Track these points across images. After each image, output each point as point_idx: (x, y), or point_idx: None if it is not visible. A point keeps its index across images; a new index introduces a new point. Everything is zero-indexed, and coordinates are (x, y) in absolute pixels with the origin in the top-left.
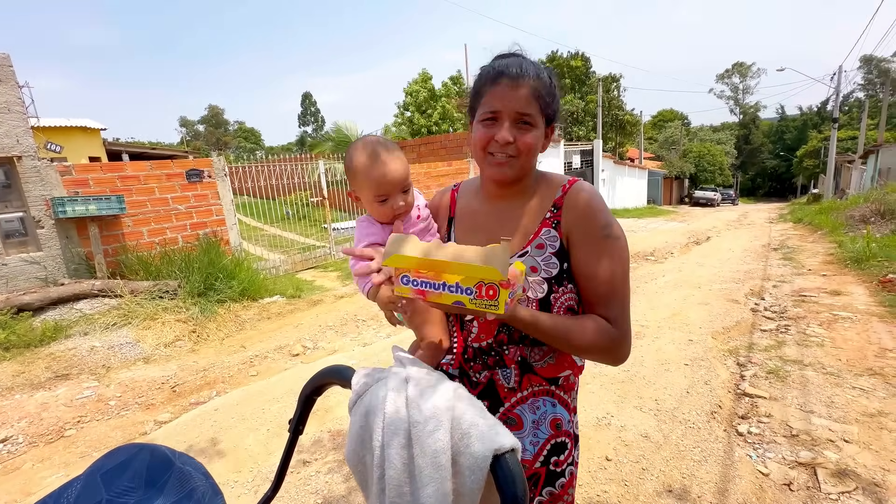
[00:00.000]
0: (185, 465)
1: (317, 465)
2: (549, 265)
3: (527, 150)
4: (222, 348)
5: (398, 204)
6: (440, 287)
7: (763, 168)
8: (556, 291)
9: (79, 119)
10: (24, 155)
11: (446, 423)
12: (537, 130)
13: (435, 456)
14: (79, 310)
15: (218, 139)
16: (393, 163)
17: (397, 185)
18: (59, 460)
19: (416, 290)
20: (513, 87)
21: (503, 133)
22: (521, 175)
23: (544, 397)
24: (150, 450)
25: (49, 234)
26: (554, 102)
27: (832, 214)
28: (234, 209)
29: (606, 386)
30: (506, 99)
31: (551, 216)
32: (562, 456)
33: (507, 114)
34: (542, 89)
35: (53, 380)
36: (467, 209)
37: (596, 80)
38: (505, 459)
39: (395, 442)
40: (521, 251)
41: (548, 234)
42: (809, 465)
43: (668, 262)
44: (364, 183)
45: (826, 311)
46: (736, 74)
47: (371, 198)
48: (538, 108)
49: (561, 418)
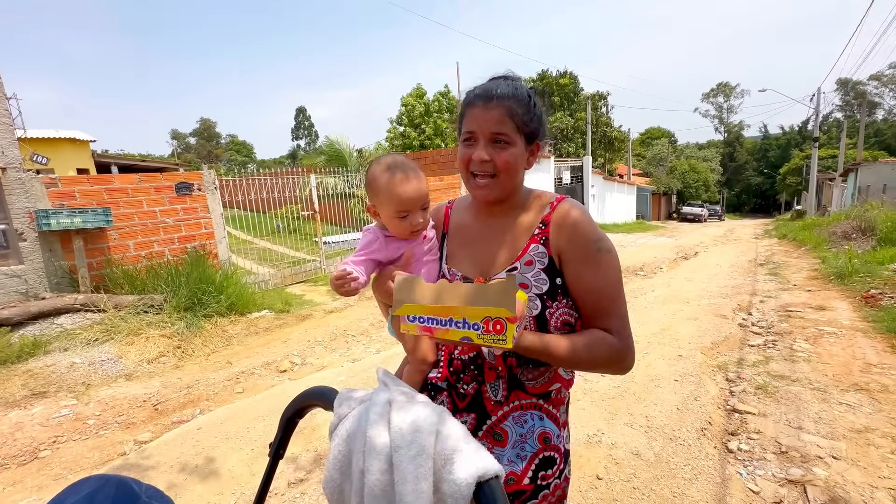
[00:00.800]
0: (152, 500)
1: (302, 486)
2: (539, 281)
3: (505, 168)
4: (208, 364)
5: (417, 221)
6: (447, 323)
7: (748, 185)
8: (550, 307)
9: (68, 131)
10: (9, 167)
11: (429, 448)
12: (514, 148)
13: (416, 482)
14: (59, 325)
15: (210, 152)
16: (416, 181)
17: (418, 202)
18: (32, 483)
19: (423, 328)
20: (486, 108)
21: (478, 152)
22: (505, 193)
23: (532, 411)
24: (116, 482)
25: (32, 247)
26: (534, 121)
27: (815, 230)
28: (224, 222)
29: (597, 402)
30: (480, 119)
31: (539, 232)
32: (550, 471)
33: (482, 134)
34: (517, 108)
35: (30, 398)
36: (460, 225)
37: (584, 97)
38: (489, 486)
39: (374, 467)
40: (510, 267)
41: (536, 250)
42: (799, 482)
43: (657, 277)
44: (387, 199)
45: (812, 326)
46: (721, 94)
47: (392, 213)
48: (514, 127)
49: (550, 433)
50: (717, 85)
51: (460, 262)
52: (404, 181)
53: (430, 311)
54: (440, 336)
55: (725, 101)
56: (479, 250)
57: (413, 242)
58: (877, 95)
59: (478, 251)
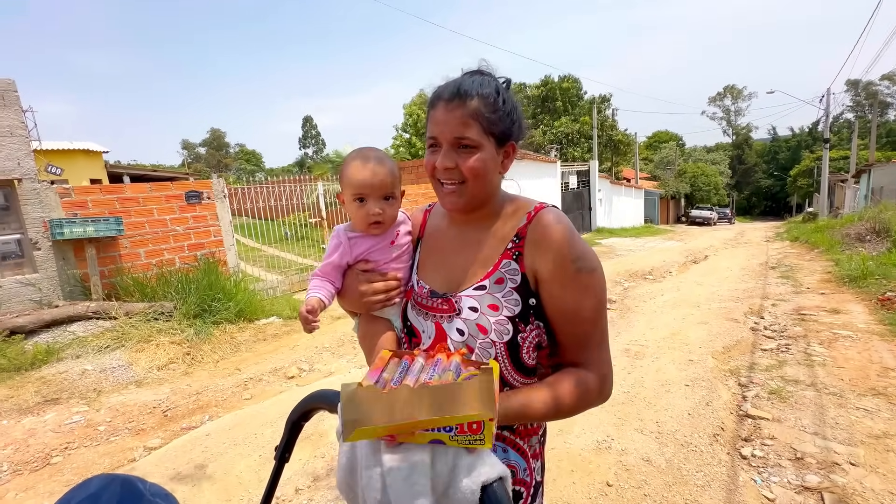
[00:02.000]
0: (156, 498)
1: (308, 492)
2: (510, 302)
3: (472, 174)
4: (216, 371)
5: (374, 210)
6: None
7: (758, 187)
8: (523, 331)
9: (81, 142)
10: (25, 177)
11: (422, 465)
12: (482, 152)
13: (412, 500)
14: (72, 332)
15: (219, 161)
16: (376, 165)
17: (376, 187)
18: (44, 489)
19: (385, 437)
20: (447, 109)
21: (441, 160)
22: (476, 201)
23: (496, 443)
24: (121, 481)
25: (46, 256)
26: (503, 120)
27: (828, 233)
28: (233, 230)
29: (606, 408)
30: (441, 123)
31: (513, 247)
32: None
33: (444, 139)
34: (483, 108)
35: (42, 404)
36: (434, 231)
37: (588, 101)
38: (493, 489)
39: (373, 485)
40: (479, 284)
41: (508, 266)
42: (816, 489)
43: (666, 281)
44: (345, 181)
45: (826, 329)
46: (728, 97)
47: (349, 197)
48: (480, 129)
49: (515, 466)
50: (725, 88)
51: (429, 273)
52: (362, 165)
53: (393, 431)
54: (405, 440)
55: (733, 103)
56: (449, 262)
57: (377, 244)
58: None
59: (448, 263)
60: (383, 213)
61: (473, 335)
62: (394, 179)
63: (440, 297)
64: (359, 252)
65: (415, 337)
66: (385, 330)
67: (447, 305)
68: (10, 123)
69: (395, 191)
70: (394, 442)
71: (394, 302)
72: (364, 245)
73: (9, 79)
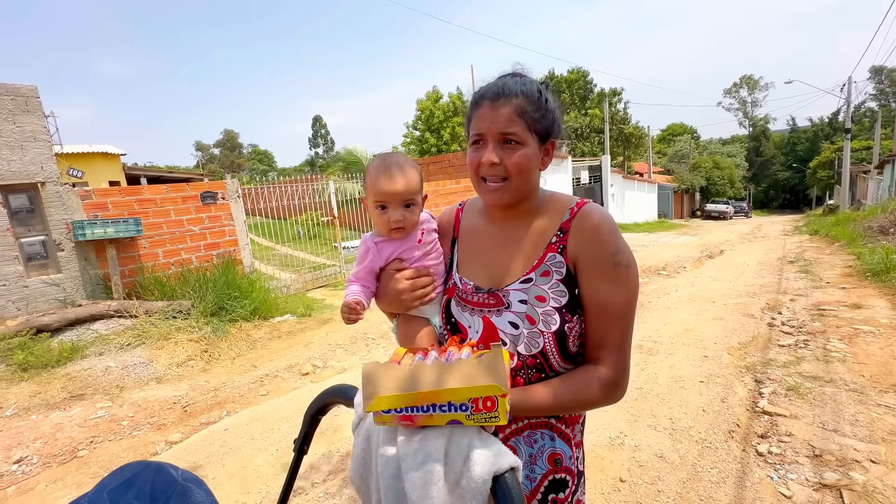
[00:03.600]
0: (188, 482)
1: (325, 485)
2: (558, 293)
3: (517, 170)
4: (233, 368)
5: (395, 217)
6: (430, 409)
7: (776, 180)
8: (570, 321)
9: (100, 145)
10: (48, 181)
11: (436, 453)
12: (526, 148)
13: (425, 488)
14: (95, 330)
15: (232, 162)
16: (397, 174)
17: (397, 196)
18: (72, 481)
19: (402, 417)
20: (493, 107)
21: (487, 155)
22: (519, 197)
23: (542, 430)
24: (155, 467)
25: (69, 257)
26: (546, 118)
27: (849, 226)
28: (247, 229)
29: (619, 404)
30: (487, 120)
31: (557, 240)
32: (562, 494)
33: (490, 135)
34: (527, 106)
35: (69, 400)
36: (471, 229)
37: (598, 94)
38: (504, 479)
39: (386, 473)
40: (525, 277)
41: (553, 259)
42: (835, 487)
43: (680, 276)
44: (368, 189)
45: (847, 325)
46: (744, 87)
47: (371, 204)
48: (524, 126)
49: (561, 454)
50: (741, 78)
51: (471, 270)
52: (384, 173)
53: (408, 401)
54: (423, 423)
55: (749, 94)
56: (491, 258)
57: (403, 245)
58: None
59: (490, 259)
60: (403, 219)
61: (525, 327)
62: (414, 187)
63: (486, 292)
64: (387, 254)
65: (458, 332)
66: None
67: (494, 300)
68: (34, 128)
69: (416, 197)
70: (413, 425)
71: (431, 298)
72: (390, 247)
73: (31, 85)
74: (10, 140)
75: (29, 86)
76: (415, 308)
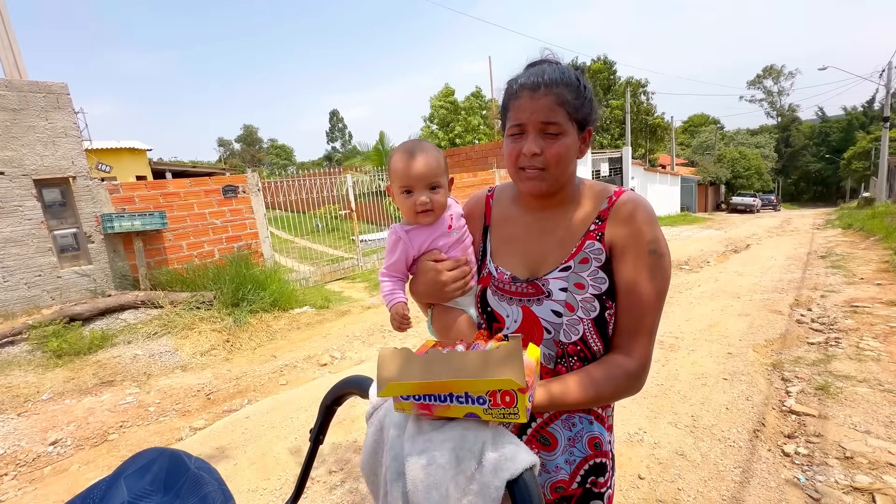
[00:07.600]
0: (200, 470)
1: (341, 474)
2: (598, 280)
3: (556, 160)
4: (254, 357)
5: (420, 199)
6: (447, 399)
7: (806, 172)
8: (610, 308)
9: (127, 141)
10: (78, 175)
11: (441, 457)
12: (567, 138)
13: (428, 491)
14: (123, 320)
15: (252, 156)
16: (421, 157)
17: (421, 178)
18: (103, 463)
19: (420, 406)
20: (534, 97)
21: (529, 145)
22: (557, 186)
23: (581, 414)
24: (169, 454)
25: (98, 249)
26: (585, 106)
27: (887, 219)
28: (267, 223)
29: (638, 400)
30: (528, 110)
31: (596, 228)
32: (602, 478)
33: (532, 125)
34: (567, 94)
35: (99, 386)
36: (504, 218)
37: (622, 84)
38: (522, 478)
39: (393, 468)
40: (564, 265)
41: (592, 247)
42: (867, 490)
43: (703, 271)
44: (393, 174)
45: (882, 322)
46: (769, 78)
47: (397, 189)
48: (565, 115)
49: (600, 437)
50: (763, 69)
51: (507, 259)
52: (408, 157)
53: (424, 388)
54: (441, 413)
55: (775, 83)
56: (528, 247)
57: (435, 231)
58: None
59: (527, 248)
60: (430, 201)
61: (565, 315)
62: (438, 168)
63: (524, 281)
64: (419, 242)
65: (496, 322)
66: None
67: (533, 289)
68: (64, 125)
69: (441, 179)
70: (431, 415)
71: (471, 287)
72: (422, 235)
73: (62, 83)
74: (42, 136)
75: (59, 83)
76: (454, 299)
